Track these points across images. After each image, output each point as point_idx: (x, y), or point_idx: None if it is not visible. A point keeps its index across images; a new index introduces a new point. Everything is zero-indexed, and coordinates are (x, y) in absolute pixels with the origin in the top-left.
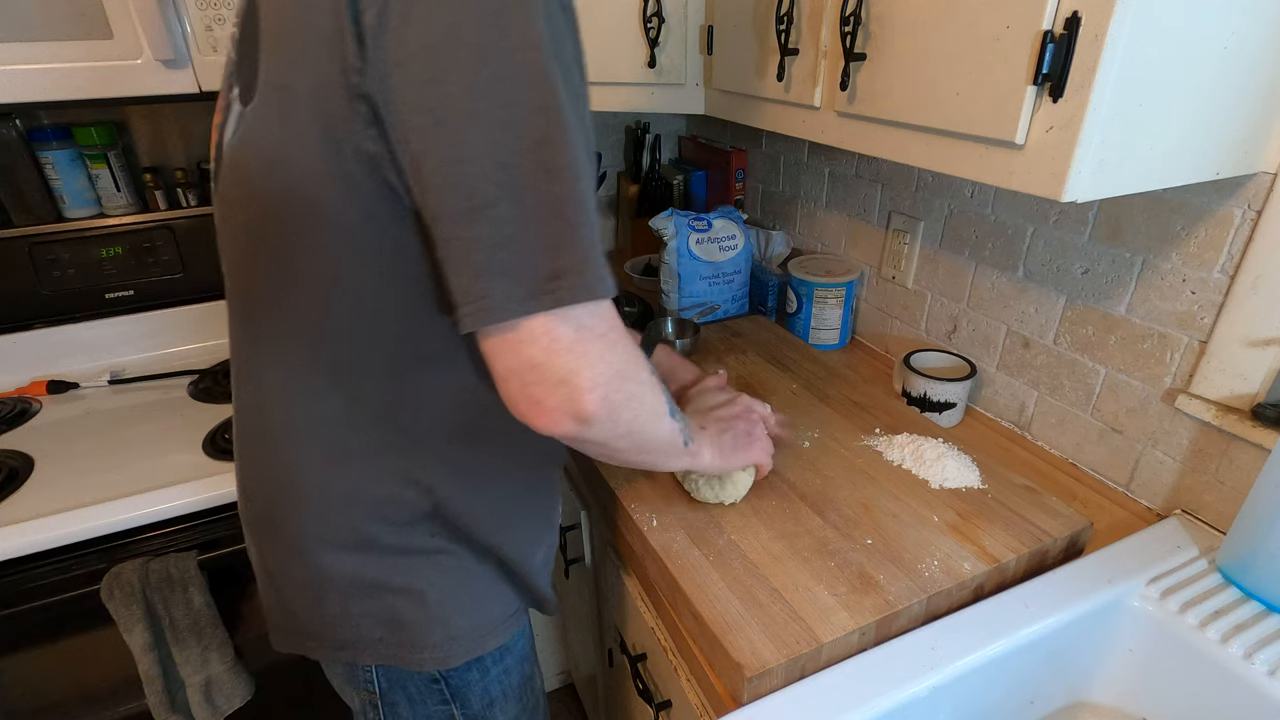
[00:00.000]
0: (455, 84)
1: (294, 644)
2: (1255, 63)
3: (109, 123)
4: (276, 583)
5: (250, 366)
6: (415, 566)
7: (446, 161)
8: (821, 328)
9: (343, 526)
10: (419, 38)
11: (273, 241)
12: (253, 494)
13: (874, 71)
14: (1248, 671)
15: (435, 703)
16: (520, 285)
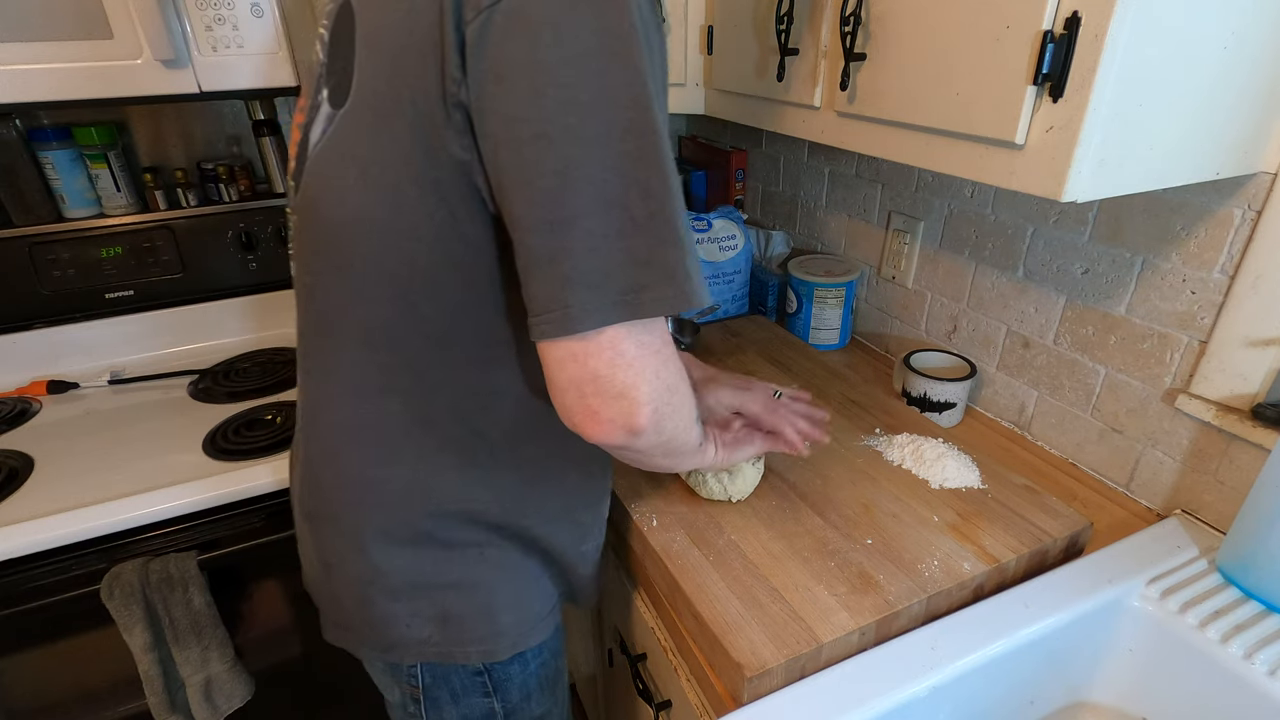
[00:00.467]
0: (555, 99)
1: (341, 639)
2: (1255, 63)
3: (109, 123)
4: (332, 575)
5: (320, 361)
6: (466, 561)
7: (541, 173)
8: (821, 328)
9: (402, 522)
10: (521, 52)
11: (358, 241)
12: (314, 485)
13: (874, 71)
14: (1248, 671)
15: (478, 695)
16: (601, 297)
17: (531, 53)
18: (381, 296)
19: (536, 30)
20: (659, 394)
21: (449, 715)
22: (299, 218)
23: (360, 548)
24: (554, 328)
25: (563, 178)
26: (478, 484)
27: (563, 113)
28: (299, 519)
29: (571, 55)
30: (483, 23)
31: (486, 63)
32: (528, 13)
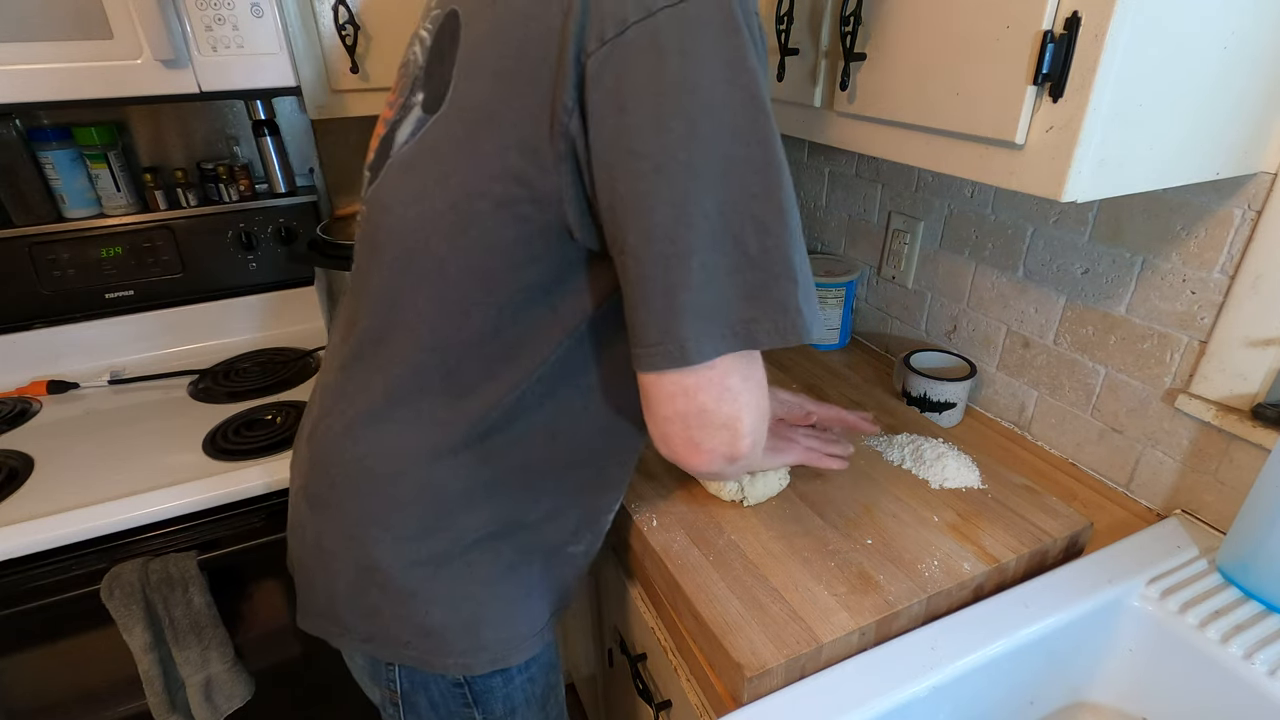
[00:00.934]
0: (677, 132)
1: (321, 628)
2: (1255, 63)
3: (109, 123)
4: (329, 562)
5: (361, 350)
6: (456, 573)
7: (659, 206)
8: None
9: (407, 522)
10: (644, 84)
11: (423, 243)
12: (324, 472)
13: (874, 71)
14: (1248, 671)
15: (457, 705)
16: (714, 330)
17: (655, 85)
18: (435, 298)
19: (661, 62)
20: (758, 424)
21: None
22: (369, 209)
23: (362, 540)
24: (665, 360)
25: (680, 210)
26: (487, 494)
27: (684, 147)
28: (301, 504)
29: (695, 88)
30: (606, 54)
31: (609, 94)
32: (653, 44)
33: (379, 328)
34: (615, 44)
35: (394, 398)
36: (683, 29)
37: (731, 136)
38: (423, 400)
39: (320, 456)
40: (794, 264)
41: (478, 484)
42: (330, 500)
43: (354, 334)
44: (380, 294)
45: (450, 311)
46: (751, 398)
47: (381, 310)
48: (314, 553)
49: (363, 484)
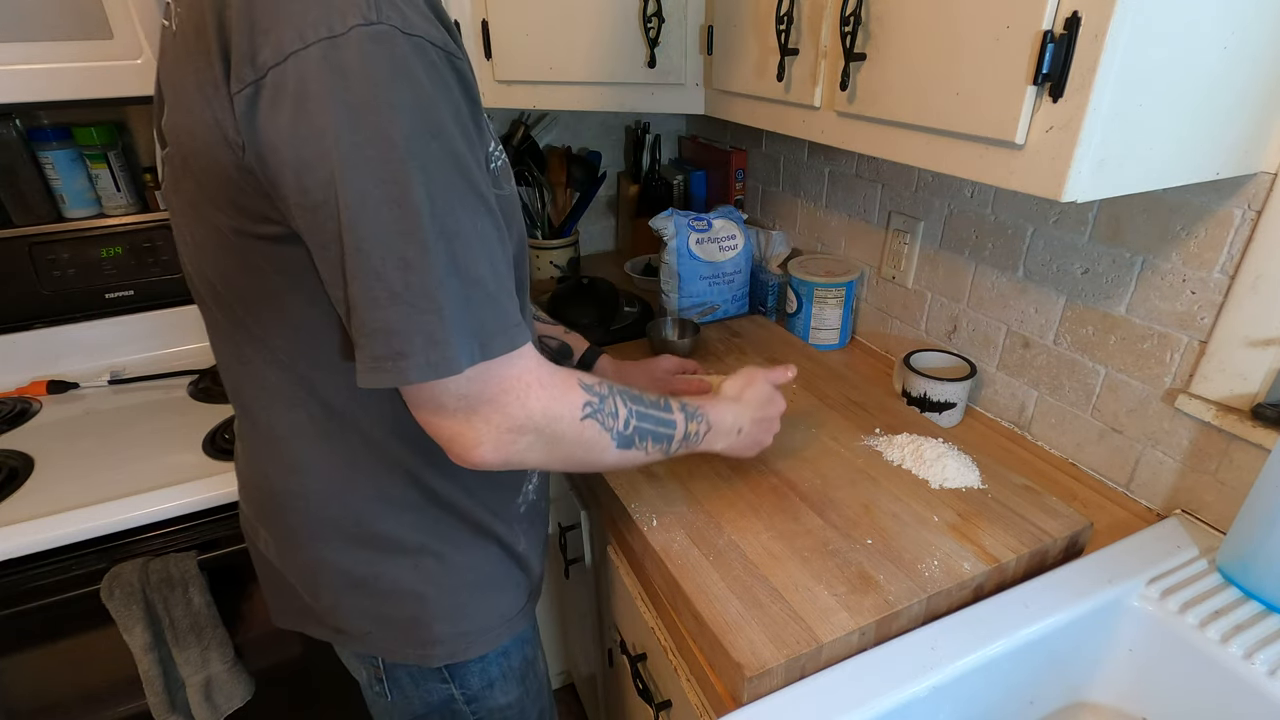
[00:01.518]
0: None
1: (294, 622)
2: (1255, 63)
3: (109, 123)
4: (283, 564)
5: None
6: (399, 570)
7: (323, 241)
8: (821, 328)
9: (333, 526)
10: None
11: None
12: (254, 484)
13: (874, 71)
14: (1248, 671)
15: (435, 681)
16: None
17: (294, 130)
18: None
19: (296, 107)
20: (497, 437)
21: (411, 696)
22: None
23: (301, 545)
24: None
25: (329, 251)
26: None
27: (325, 188)
28: (245, 512)
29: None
30: (249, 96)
31: (257, 134)
32: (287, 90)
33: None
34: (257, 86)
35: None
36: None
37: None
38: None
39: (243, 471)
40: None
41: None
42: (263, 512)
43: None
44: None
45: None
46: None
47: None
48: (267, 560)
49: (282, 502)
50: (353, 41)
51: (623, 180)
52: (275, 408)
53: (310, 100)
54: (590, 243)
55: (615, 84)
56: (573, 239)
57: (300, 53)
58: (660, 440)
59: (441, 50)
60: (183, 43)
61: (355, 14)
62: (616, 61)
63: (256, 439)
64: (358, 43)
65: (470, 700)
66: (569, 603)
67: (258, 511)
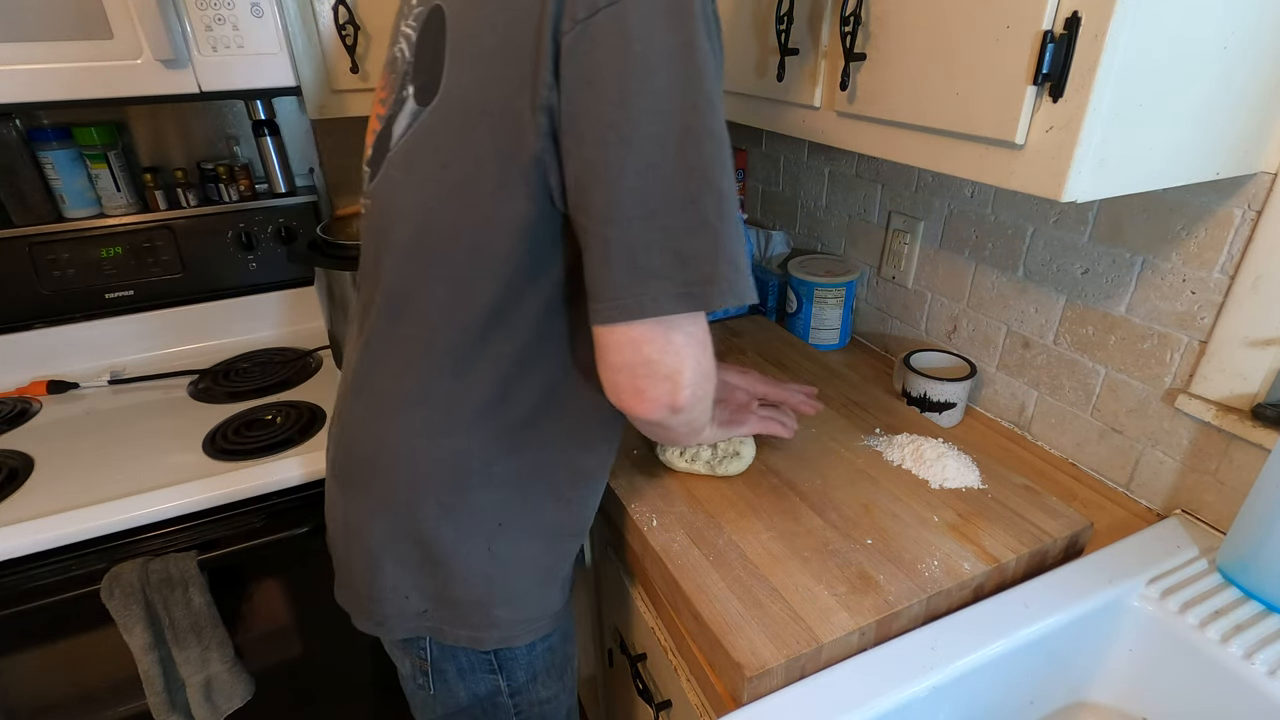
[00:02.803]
0: (641, 106)
1: (348, 601)
2: (1255, 63)
3: (109, 123)
4: (352, 537)
5: (377, 333)
6: (474, 553)
7: (625, 173)
8: (821, 328)
9: (427, 496)
10: (612, 60)
11: (435, 228)
12: (347, 449)
13: (874, 71)
14: (1248, 671)
15: (483, 672)
16: (670, 288)
17: (621, 62)
18: (445, 281)
19: (627, 42)
20: (698, 379)
21: (456, 688)
22: (374, 202)
23: (381, 513)
24: (620, 313)
25: (643, 178)
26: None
27: (647, 119)
28: (331, 482)
29: (657, 67)
30: (578, 33)
31: (579, 69)
32: (620, 26)
33: (391, 314)
34: (586, 24)
35: (408, 379)
36: (643, 14)
37: (690, 111)
38: (434, 381)
39: (343, 437)
40: (741, 230)
41: (495, 459)
42: (353, 478)
43: (368, 321)
44: (391, 282)
45: (459, 292)
46: (692, 354)
47: (394, 297)
48: (342, 529)
49: (382, 462)
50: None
51: None
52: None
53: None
54: None
55: None
56: None
57: None
58: None
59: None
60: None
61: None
62: None
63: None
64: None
65: (515, 693)
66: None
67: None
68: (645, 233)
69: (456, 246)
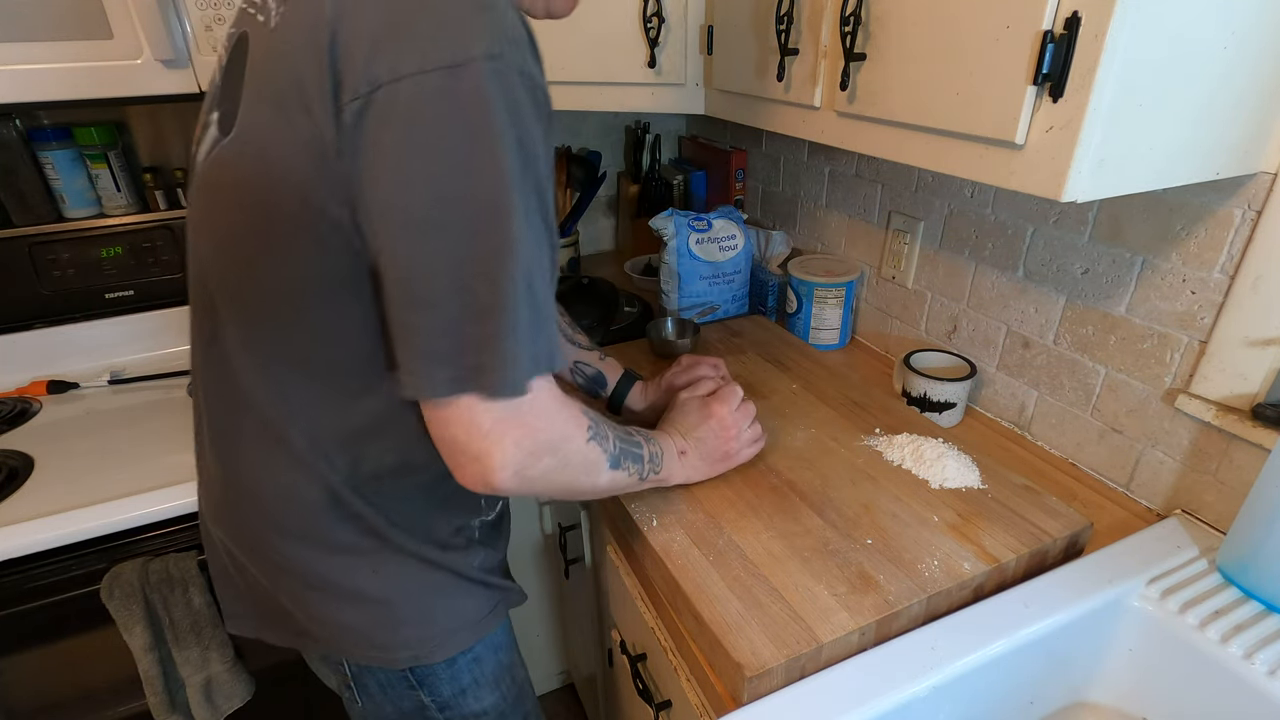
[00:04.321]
0: (420, 194)
1: (257, 630)
2: (1255, 63)
3: (109, 123)
4: (243, 571)
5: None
6: (360, 573)
7: (408, 258)
8: (821, 328)
9: (296, 526)
10: (392, 146)
11: (235, 264)
12: (212, 489)
13: (874, 71)
14: (1248, 671)
15: (403, 688)
16: (448, 372)
17: (401, 148)
18: (255, 318)
19: (407, 127)
20: (519, 459)
21: (381, 703)
22: (189, 228)
23: (256, 547)
24: (411, 390)
25: (422, 265)
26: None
27: (426, 206)
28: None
29: (437, 155)
30: (358, 110)
31: (360, 147)
32: (399, 109)
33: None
34: (367, 100)
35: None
36: (426, 98)
37: (470, 201)
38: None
39: (204, 475)
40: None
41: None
42: (223, 515)
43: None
44: (209, 314)
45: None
46: (509, 435)
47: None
48: (230, 562)
49: (243, 499)
50: (473, 73)
51: (623, 180)
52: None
53: (424, 123)
54: (590, 243)
55: (615, 84)
56: (573, 239)
57: (418, 76)
58: (636, 461)
59: (543, 92)
60: (283, 42)
61: (479, 47)
62: (616, 61)
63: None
64: (478, 75)
65: (443, 707)
66: (569, 603)
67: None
68: (424, 316)
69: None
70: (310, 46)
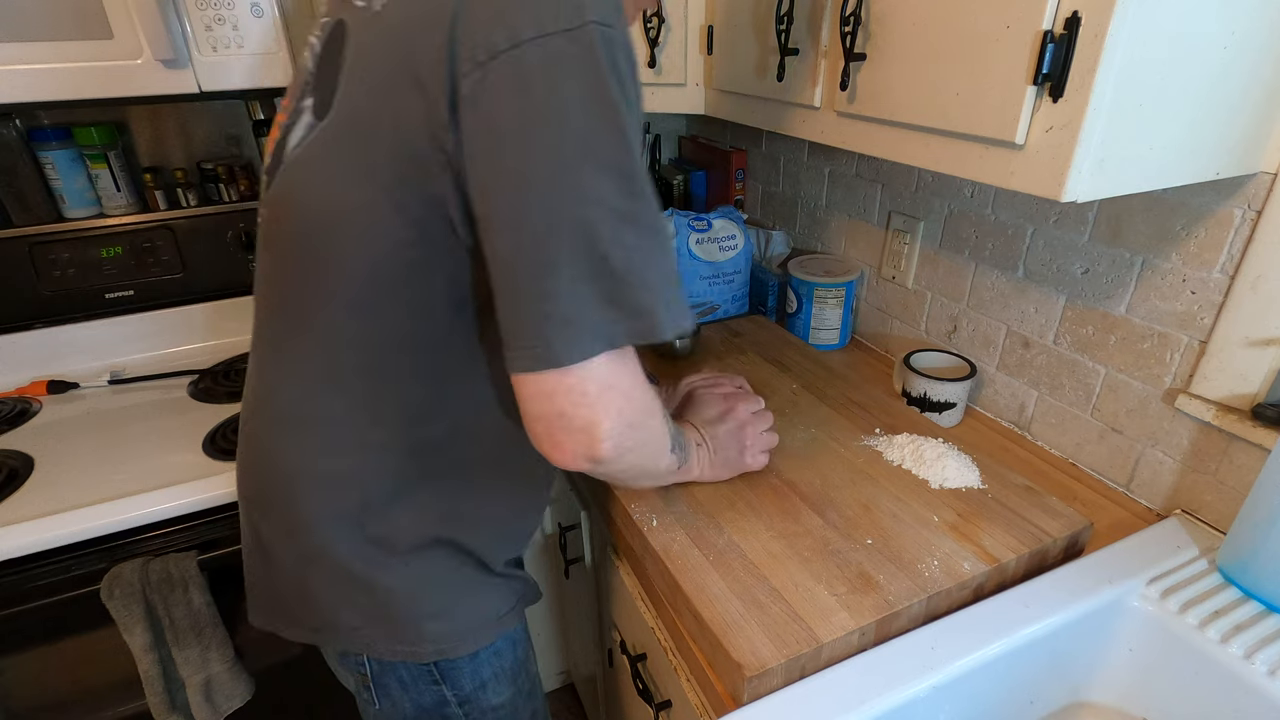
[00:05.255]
0: (545, 156)
1: (273, 623)
2: (1255, 63)
3: (109, 123)
4: (270, 558)
5: (276, 351)
6: (392, 568)
7: (530, 223)
8: (821, 328)
9: (337, 514)
10: (515, 109)
11: (323, 245)
12: (257, 471)
13: (874, 71)
14: (1248, 671)
15: (426, 683)
16: (574, 337)
17: (521, 111)
18: (344, 297)
19: (526, 91)
20: (619, 430)
21: (401, 702)
22: (269, 212)
23: (293, 532)
24: (530, 362)
25: (548, 226)
26: (410, 488)
27: (551, 168)
28: (240, 502)
29: (558, 117)
30: (478, 78)
31: (480, 115)
32: (519, 73)
33: (288, 329)
34: (486, 68)
35: (309, 395)
36: (547, 61)
37: (595, 160)
38: (335, 396)
39: (250, 457)
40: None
41: (405, 480)
42: (265, 497)
43: (265, 336)
44: (286, 296)
45: (356, 312)
46: (613, 404)
47: (290, 312)
48: (257, 548)
49: (284, 484)
50: (588, 37)
51: None
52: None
53: (546, 86)
54: None
55: None
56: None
57: (539, 40)
58: (681, 448)
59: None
60: (393, 23)
61: (591, 13)
62: None
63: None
64: (592, 39)
65: (463, 702)
66: (569, 603)
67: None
68: (549, 281)
69: (353, 267)
70: (427, 23)
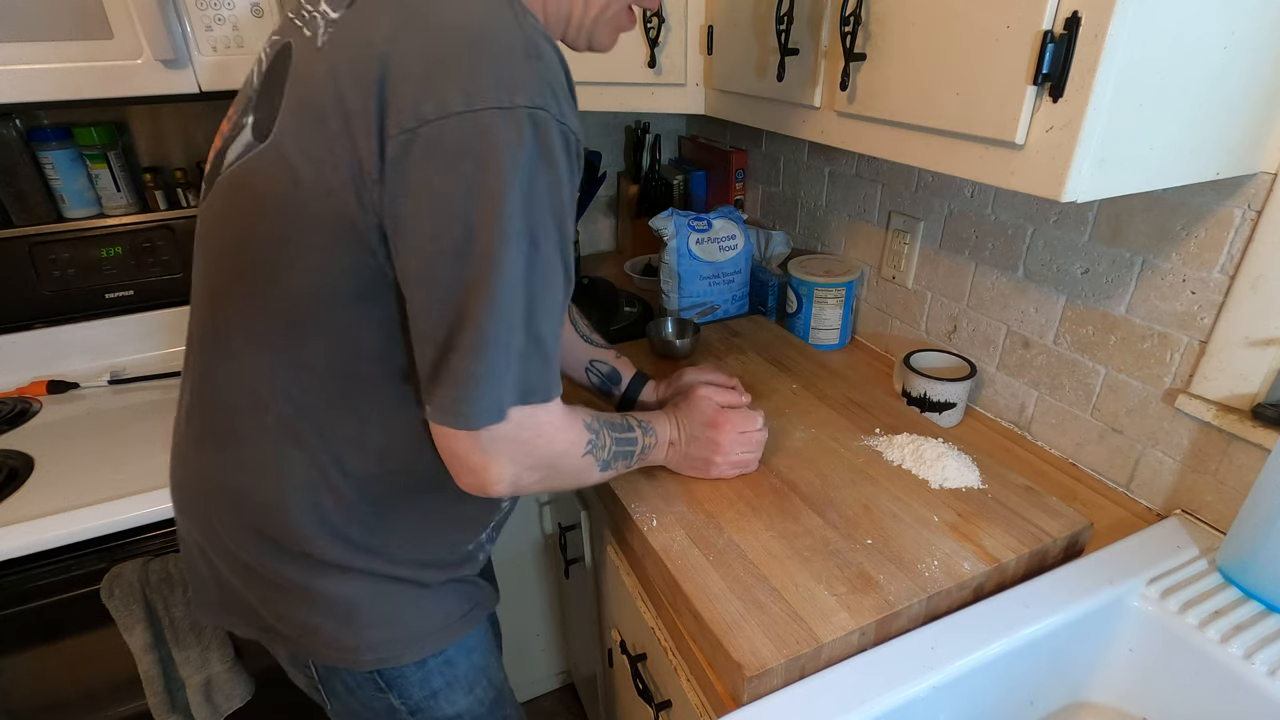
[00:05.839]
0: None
1: (216, 618)
2: (1255, 63)
3: (109, 123)
4: (209, 560)
5: (206, 362)
6: (328, 576)
7: (441, 284)
8: (821, 328)
9: (264, 528)
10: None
11: (249, 267)
12: (182, 479)
13: (874, 71)
14: (1248, 671)
15: (371, 690)
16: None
17: (447, 181)
18: (270, 316)
19: (453, 162)
20: (516, 473)
21: (350, 704)
22: (203, 223)
23: (219, 545)
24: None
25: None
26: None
27: (461, 241)
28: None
29: (484, 189)
30: (404, 142)
31: (404, 179)
32: (447, 144)
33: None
34: (413, 135)
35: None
36: (472, 135)
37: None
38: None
39: (176, 464)
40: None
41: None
42: (188, 510)
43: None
44: (216, 310)
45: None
46: (504, 454)
47: (219, 322)
48: (196, 552)
49: (213, 495)
50: (518, 119)
51: (623, 180)
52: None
53: (468, 160)
54: (590, 243)
55: (615, 84)
56: (573, 240)
57: (465, 115)
58: (627, 459)
59: (578, 140)
60: (330, 64)
61: (524, 95)
62: (617, 61)
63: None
64: (522, 121)
65: (414, 710)
66: (569, 603)
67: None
68: (440, 348)
69: (275, 286)
70: (358, 75)
